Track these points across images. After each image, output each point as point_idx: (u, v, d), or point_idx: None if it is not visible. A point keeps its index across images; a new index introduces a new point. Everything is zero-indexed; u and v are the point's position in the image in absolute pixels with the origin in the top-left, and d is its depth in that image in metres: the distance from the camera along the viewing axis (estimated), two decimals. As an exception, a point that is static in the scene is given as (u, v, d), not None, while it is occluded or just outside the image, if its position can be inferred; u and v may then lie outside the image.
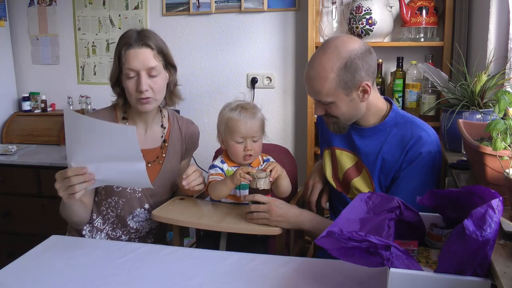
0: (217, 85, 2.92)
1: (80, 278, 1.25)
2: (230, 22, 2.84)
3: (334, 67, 1.37)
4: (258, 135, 1.59)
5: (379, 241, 0.94)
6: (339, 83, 1.38)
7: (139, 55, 1.53)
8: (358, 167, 1.54)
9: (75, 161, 1.34)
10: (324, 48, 1.41)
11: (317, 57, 1.42)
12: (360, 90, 1.40)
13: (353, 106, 1.43)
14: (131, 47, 1.53)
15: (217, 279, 1.22)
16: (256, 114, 1.59)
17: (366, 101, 1.44)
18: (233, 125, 1.57)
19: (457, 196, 1.10)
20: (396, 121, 1.49)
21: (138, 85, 1.53)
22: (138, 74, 1.53)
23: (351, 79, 1.38)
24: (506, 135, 1.07)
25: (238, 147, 1.58)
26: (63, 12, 3.11)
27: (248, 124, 1.56)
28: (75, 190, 1.34)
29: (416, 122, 1.49)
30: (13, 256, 1.36)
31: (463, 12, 2.29)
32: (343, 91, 1.39)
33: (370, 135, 1.51)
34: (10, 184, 2.71)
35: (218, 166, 1.62)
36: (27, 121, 3.08)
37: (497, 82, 1.61)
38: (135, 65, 1.52)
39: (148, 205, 1.67)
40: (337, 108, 1.43)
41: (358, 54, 1.38)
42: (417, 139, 1.44)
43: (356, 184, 1.53)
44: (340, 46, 1.39)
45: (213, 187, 1.56)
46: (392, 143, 1.47)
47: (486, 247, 0.88)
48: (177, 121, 1.76)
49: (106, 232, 1.67)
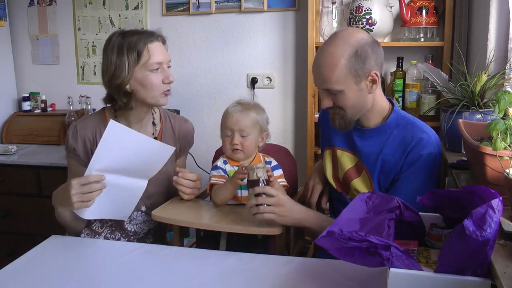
0: (217, 85, 2.92)
1: (80, 278, 1.25)
2: (230, 22, 2.84)
3: (344, 53, 1.36)
4: (247, 131, 1.57)
5: (379, 241, 0.94)
6: (350, 70, 1.37)
7: (161, 48, 1.57)
8: (358, 168, 1.54)
9: (98, 169, 1.38)
10: (331, 39, 1.42)
11: (325, 47, 1.42)
12: (369, 79, 1.40)
13: (361, 96, 1.42)
14: (153, 41, 1.55)
15: (217, 279, 1.22)
16: (248, 110, 1.59)
17: (373, 94, 1.44)
18: (224, 118, 1.60)
19: (457, 196, 1.10)
20: (397, 123, 1.49)
21: (165, 76, 1.55)
22: (161, 66, 1.55)
23: (361, 66, 1.37)
24: (506, 135, 1.07)
25: (226, 140, 1.60)
26: (63, 12, 3.11)
27: (235, 117, 1.57)
28: (91, 198, 1.38)
29: (417, 124, 1.48)
30: (13, 256, 1.36)
31: (463, 12, 2.29)
32: (353, 79, 1.38)
33: (371, 136, 1.51)
34: (10, 184, 2.71)
35: (221, 167, 1.62)
36: (27, 121, 3.08)
37: (497, 82, 1.61)
38: (161, 58, 1.55)
39: (145, 207, 1.67)
40: (346, 98, 1.41)
41: (368, 43, 1.39)
42: (418, 141, 1.44)
43: (356, 185, 1.53)
44: (348, 36, 1.40)
45: (216, 193, 1.56)
46: (393, 144, 1.47)
47: (486, 247, 0.88)
48: (169, 120, 1.76)
49: (105, 235, 1.67)
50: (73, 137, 1.60)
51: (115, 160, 1.40)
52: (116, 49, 1.53)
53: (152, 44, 1.54)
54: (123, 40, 1.54)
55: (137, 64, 1.52)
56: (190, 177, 1.56)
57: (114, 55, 1.53)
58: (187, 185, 1.55)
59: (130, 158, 1.42)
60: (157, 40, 1.56)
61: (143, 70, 1.53)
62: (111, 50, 1.54)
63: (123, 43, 1.53)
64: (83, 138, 1.59)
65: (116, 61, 1.52)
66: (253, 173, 1.43)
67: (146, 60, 1.52)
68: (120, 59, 1.52)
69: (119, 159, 1.40)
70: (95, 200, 1.39)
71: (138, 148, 1.43)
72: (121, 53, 1.52)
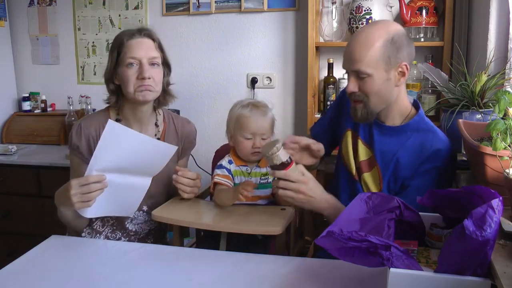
0: (217, 85, 2.92)
1: (80, 278, 1.25)
2: (230, 22, 2.84)
3: (381, 37, 1.37)
4: (267, 134, 1.59)
5: (379, 241, 0.94)
6: (383, 55, 1.37)
7: (141, 44, 1.56)
8: (371, 163, 1.52)
9: (97, 169, 1.39)
10: (370, 24, 1.48)
11: (364, 28, 1.45)
12: (398, 70, 1.41)
13: (387, 86, 1.41)
14: (133, 37, 1.56)
15: (217, 279, 1.22)
16: (267, 113, 1.59)
17: (398, 89, 1.44)
18: (244, 121, 1.57)
19: (457, 196, 1.10)
20: (418, 127, 1.48)
21: (140, 72, 1.54)
22: (139, 63, 1.54)
23: (394, 54, 1.38)
24: (506, 135, 1.07)
25: (247, 143, 1.57)
26: (63, 12, 3.11)
27: (259, 121, 1.57)
28: (91, 198, 1.38)
29: (437, 133, 1.47)
30: (13, 256, 1.36)
31: (463, 12, 2.29)
32: (383, 66, 1.38)
33: (390, 134, 1.50)
34: (10, 184, 2.71)
35: (226, 167, 1.61)
36: (27, 121, 3.08)
37: (497, 82, 1.61)
38: (138, 54, 1.54)
39: (146, 207, 1.67)
40: (373, 83, 1.39)
41: (405, 34, 1.43)
42: (435, 151, 1.43)
43: (366, 179, 1.52)
44: (388, 23, 1.46)
45: (217, 194, 1.56)
46: (410, 148, 1.46)
47: (486, 247, 0.88)
48: (172, 121, 1.76)
49: (106, 235, 1.67)
50: (77, 135, 1.60)
51: (115, 159, 1.40)
52: (110, 47, 1.62)
53: (132, 40, 1.55)
54: (117, 36, 1.61)
55: (117, 60, 1.57)
56: (190, 175, 1.56)
57: (109, 53, 1.62)
58: (186, 184, 1.56)
59: (130, 157, 1.42)
60: (140, 36, 1.57)
61: (121, 65, 1.56)
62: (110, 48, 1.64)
63: (113, 41, 1.61)
64: (87, 136, 1.59)
65: (108, 58, 1.61)
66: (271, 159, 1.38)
67: (123, 56, 1.55)
68: (108, 56, 1.61)
69: (119, 158, 1.40)
70: (96, 200, 1.39)
71: (138, 147, 1.43)
72: (110, 50, 1.61)
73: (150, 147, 1.47)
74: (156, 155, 1.49)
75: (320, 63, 2.70)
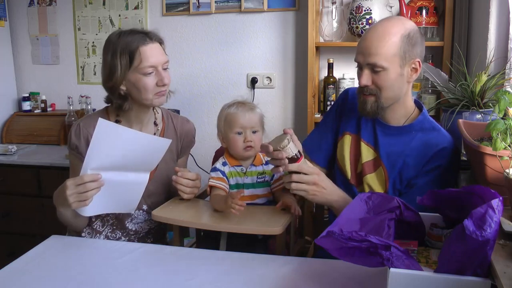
0: (217, 85, 2.92)
1: (80, 278, 1.25)
2: (230, 22, 2.84)
3: (398, 33, 1.40)
4: (257, 127, 1.59)
5: (379, 241, 0.94)
6: (399, 49, 1.39)
7: (155, 49, 1.54)
8: (376, 163, 1.52)
9: (92, 168, 1.38)
10: (388, 18, 1.49)
11: (381, 22, 1.47)
12: (412, 66, 1.43)
13: (400, 82, 1.43)
14: (146, 43, 1.52)
15: (217, 279, 1.22)
16: (254, 108, 1.61)
17: (408, 86, 1.46)
18: (232, 117, 1.58)
19: (457, 196, 1.10)
20: (422, 126, 1.49)
21: (159, 79, 1.53)
22: (155, 69, 1.53)
23: (410, 50, 1.40)
24: (506, 135, 1.07)
25: (238, 139, 1.58)
26: (63, 12, 3.11)
27: (247, 115, 1.58)
28: (87, 197, 1.38)
29: (441, 131, 1.49)
30: (13, 256, 1.36)
31: (463, 12, 2.29)
32: (399, 61, 1.40)
33: (394, 135, 1.50)
34: (10, 184, 2.71)
35: (220, 169, 1.61)
36: (27, 121, 3.08)
37: (497, 82, 1.61)
38: (154, 61, 1.52)
39: (146, 206, 1.67)
40: (387, 77, 1.41)
41: (419, 32, 1.45)
42: (440, 150, 1.44)
43: (369, 180, 1.52)
44: (404, 19, 1.49)
45: (212, 200, 1.57)
46: (416, 147, 1.47)
47: (486, 247, 0.88)
48: (171, 120, 1.75)
49: (105, 234, 1.67)
50: (76, 134, 1.60)
51: (108, 157, 1.39)
52: (111, 50, 1.53)
53: (145, 47, 1.51)
54: (118, 41, 1.53)
55: (129, 67, 1.51)
56: (190, 176, 1.56)
57: (109, 56, 1.53)
58: (186, 185, 1.55)
59: (124, 154, 1.41)
60: (151, 42, 1.53)
61: (136, 73, 1.51)
62: (107, 51, 1.54)
63: (117, 45, 1.52)
64: (85, 136, 1.59)
65: (110, 63, 1.53)
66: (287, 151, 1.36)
67: (138, 64, 1.50)
68: (113, 60, 1.52)
69: (112, 156, 1.40)
70: (93, 198, 1.39)
71: (131, 143, 1.41)
72: (115, 54, 1.52)
73: (143, 142, 1.45)
74: (150, 150, 1.47)
75: (320, 63, 2.70)
